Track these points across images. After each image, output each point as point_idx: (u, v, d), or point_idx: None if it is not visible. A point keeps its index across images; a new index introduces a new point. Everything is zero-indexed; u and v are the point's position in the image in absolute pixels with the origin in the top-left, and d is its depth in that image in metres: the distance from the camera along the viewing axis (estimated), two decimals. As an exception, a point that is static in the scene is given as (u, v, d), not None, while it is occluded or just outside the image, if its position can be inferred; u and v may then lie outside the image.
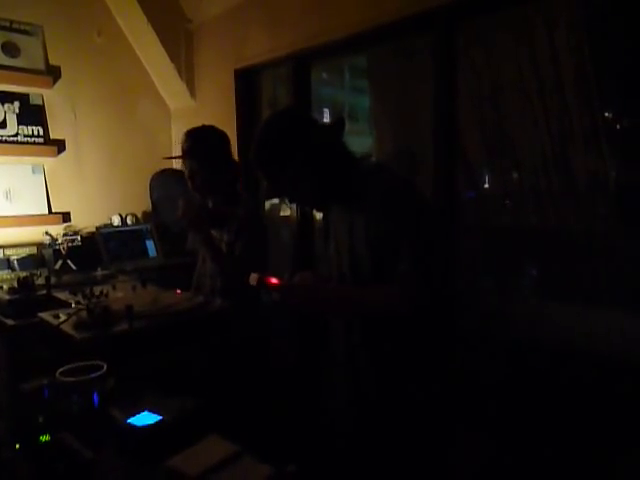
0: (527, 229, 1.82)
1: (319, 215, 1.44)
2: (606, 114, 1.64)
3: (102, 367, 1.01)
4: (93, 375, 0.98)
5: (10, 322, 1.73)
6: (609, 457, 1.41)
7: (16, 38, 2.63)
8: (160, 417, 0.98)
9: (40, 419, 0.92)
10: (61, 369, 1.00)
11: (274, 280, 1.12)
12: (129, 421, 0.97)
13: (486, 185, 1.94)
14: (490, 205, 1.92)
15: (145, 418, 0.98)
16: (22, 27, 2.65)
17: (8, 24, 2.60)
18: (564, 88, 1.65)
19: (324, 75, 2.69)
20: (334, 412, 1.08)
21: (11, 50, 2.60)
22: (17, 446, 0.88)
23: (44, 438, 0.88)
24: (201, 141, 1.82)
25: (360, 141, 2.46)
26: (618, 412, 1.43)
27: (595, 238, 1.64)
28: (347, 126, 1.22)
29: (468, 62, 1.86)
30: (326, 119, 2.69)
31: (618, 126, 1.69)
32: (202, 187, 1.84)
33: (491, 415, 1.61)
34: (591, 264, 1.64)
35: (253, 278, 1.12)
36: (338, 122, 1.22)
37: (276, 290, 1.13)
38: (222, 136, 1.88)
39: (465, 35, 1.86)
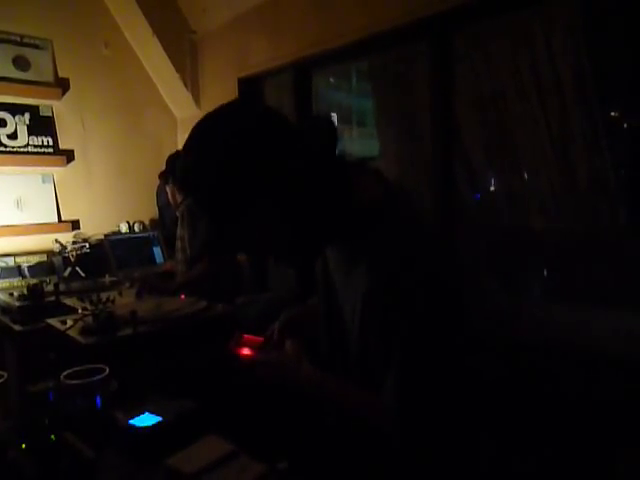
0: (532, 230, 1.83)
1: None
2: (606, 114, 1.64)
3: (105, 370, 1.04)
4: (96, 378, 1.02)
5: (18, 327, 1.78)
6: (616, 460, 1.41)
7: (27, 52, 2.70)
8: (160, 418, 1.01)
9: (45, 420, 0.95)
10: (66, 372, 1.03)
11: (246, 350, 0.93)
12: (130, 422, 1.00)
13: (492, 187, 1.96)
14: (495, 206, 1.94)
15: (146, 419, 1.01)
16: (32, 41, 2.73)
17: (19, 39, 2.69)
18: (563, 89, 1.66)
19: (331, 79, 2.71)
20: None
21: (22, 64, 2.68)
22: (23, 446, 0.91)
23: (49, 438, 0.91)
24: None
25: (368, 144, 2.48)
26: (625, 413, 1.43)
27: (599, 238, 1.65)
28: (355, 130, 0.90)
29: (467, 66, 1.88)
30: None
31: (620, 126, 1.70)
32: None
33: (494, 415, 1.61)
34: (596, 264, 1.65)
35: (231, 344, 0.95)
36: (326, 128, 0.82)
37: (250, 364, 0.93)
38: None
39: (463, 40, 1.88)
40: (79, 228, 2.87)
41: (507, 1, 1.70)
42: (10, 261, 2.55)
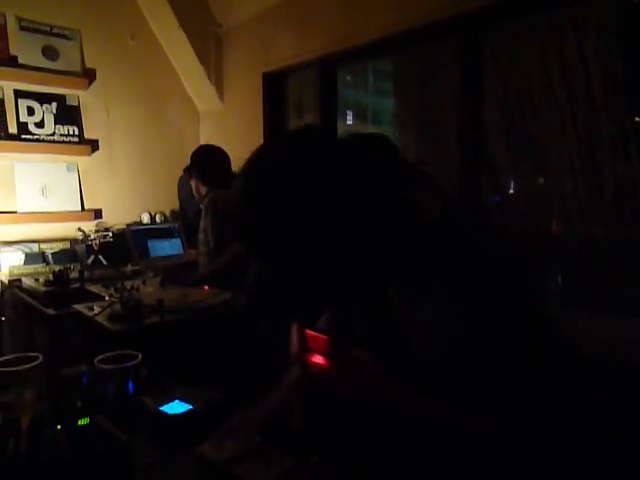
0: (552, 234, 1.81)
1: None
2: (636, 119, 1.62)
3: (137, 356, 1.06)
4: (129, 364, 1.04)
5: (51, 312, 1.81)
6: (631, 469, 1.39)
7: (55, 42, 2.74)
8: (190, 406, 1.02)
9: (78, 403, 0.98)
10: (99, 357, 1.06)
11: (317, 358, 0.76)
12: (162, 409, 1.02)
13: (511, 190, 1.94)
14: (516, 209, 1.92)
15: (176, 407, 1.03)
16: (61, 32, 2.77)
17: (49, 29, 2.73)
18: (593, 92, 1.64)
19: (348, 78, 2.72)
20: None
21: (51, 53, 2.72)
22: (59, 427, 0.93)
23: (83, 421, 0.93)
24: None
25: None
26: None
27: (622, 244, 1.63)
28: (371, 129, 0.90)
29: (495, 66, 1.87)
30: (349, 121, 2.72)
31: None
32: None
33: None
34: (618, 270, 1.63)
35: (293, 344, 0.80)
36: (387, 147, 0.77)
37: (323, 375, 0.76)
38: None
39: (492, 39, 1.87)
40: (101, 217, 2.91)
41: (538, 1, 1.68)
42: (34, 247, 2.60)
